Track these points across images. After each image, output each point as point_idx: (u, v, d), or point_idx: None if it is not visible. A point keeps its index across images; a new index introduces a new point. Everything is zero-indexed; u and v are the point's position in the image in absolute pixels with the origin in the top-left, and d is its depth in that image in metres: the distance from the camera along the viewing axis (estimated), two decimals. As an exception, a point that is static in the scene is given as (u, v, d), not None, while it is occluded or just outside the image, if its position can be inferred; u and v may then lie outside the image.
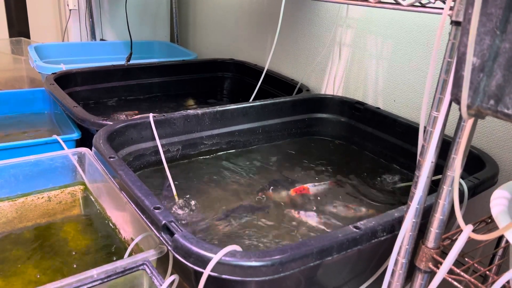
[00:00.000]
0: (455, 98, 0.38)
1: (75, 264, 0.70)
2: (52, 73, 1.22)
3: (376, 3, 0.54)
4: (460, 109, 0.38)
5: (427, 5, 0.50)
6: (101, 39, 1.80)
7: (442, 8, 0.43)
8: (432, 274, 0.51)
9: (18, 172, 0.84)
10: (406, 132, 0.99)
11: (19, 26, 2.28)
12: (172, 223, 0.54)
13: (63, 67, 1.28)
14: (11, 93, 1.26)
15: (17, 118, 1.25)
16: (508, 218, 0.46)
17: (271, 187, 0.89)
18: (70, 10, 1.72)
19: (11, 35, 2.28)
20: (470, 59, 0.36)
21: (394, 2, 0.52)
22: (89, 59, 1.62)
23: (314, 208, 0.83)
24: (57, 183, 0.89)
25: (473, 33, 0.35)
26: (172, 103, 1.41)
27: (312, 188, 0.88)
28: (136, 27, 1.81)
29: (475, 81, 0.36)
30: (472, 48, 0.35)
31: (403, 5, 0.51)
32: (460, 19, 0.41)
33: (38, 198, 0.86)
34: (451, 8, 0.42)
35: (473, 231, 0.45)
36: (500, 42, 0.34)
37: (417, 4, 0.51)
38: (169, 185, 0.83)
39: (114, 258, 0.72)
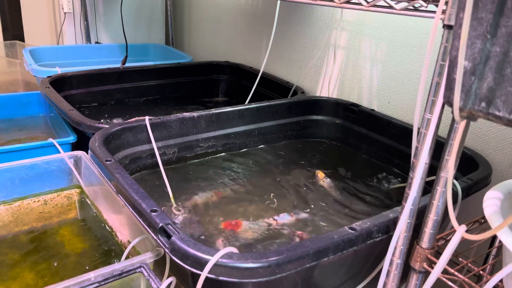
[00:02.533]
0: (448, 101, 0.39)
1: (72, 268, 0.70)
2: (48, 76, 1.22)
3: (369, 7, 0.54)
4: (452, 112, 0.39)
5: (419, 9, 0.51)
6: (96, 42, 1.80)
7: (435, 12, 0.44)
8: (427, 274, 0.51)
9: (14, 175, 0.84)
10: (401, 133, 1.00)
11: (13, 29, 2.28)
12: (169, 226, 0.54)
13: (58, 70, 1.28)
14: (6, 97, 1.26)
15: (13, 121, 1.25)
16: (500, 218, 0.47)
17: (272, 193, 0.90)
18: (65, 13, 1.72)
19: (6, 38, 2.27)
20: (462, 62, 0.36)
21: (387, 6, 0.53)
22: (84, 62, 1.61)
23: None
24: (53, 186, 0.88)
25: (464, 37, 0.35)
26: (167, 105, 1.41)
27: (245, 224, 0.78)
28: (131, 30, 1.81)
29: (467, 84, 0.37)
30: (464, 52, 0.36)
31: (396, 9, 0.52)
32: (452, 23, 0.42)
33: (34, 201, 0.86)
34: (443, 12, 0.43)
35: (467, 231, 0.46)
36: (491, 46, 0.35)
37: (410, 7, 0.52)
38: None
39: (111, 261, 0.72)
